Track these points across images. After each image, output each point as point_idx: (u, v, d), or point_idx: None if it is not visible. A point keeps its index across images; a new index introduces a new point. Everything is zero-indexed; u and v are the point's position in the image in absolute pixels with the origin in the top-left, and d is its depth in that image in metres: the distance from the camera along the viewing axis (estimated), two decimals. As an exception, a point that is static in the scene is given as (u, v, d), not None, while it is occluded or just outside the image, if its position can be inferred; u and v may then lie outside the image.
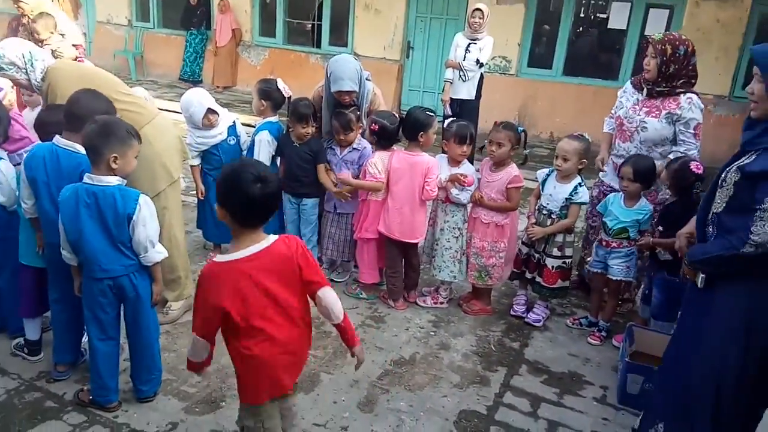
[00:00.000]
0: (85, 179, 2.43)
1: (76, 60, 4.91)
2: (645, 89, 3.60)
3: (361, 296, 3.97)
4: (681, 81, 3.50)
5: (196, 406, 2.83)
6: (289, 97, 3.97)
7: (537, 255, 3.69)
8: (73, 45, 5.10)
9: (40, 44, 4.64)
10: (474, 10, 6.38)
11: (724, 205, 2.18)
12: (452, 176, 3.68)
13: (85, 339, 2.99)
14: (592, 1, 10.16)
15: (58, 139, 2.70)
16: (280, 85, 3.98)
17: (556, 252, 3.61)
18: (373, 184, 3.71)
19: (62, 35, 4.91)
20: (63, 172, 2.66)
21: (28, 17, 5.01)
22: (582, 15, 10.07)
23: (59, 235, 2.58)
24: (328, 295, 2.07)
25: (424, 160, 3.65)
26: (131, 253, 2.52)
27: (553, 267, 3.63)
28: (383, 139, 3.72)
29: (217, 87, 11.12)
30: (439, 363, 3.34)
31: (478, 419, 2.90)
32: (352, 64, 3.74)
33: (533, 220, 3.69)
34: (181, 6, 11.73)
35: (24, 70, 3.01)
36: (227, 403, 2.86)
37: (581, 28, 9.86)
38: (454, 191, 3.70)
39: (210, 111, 3.86)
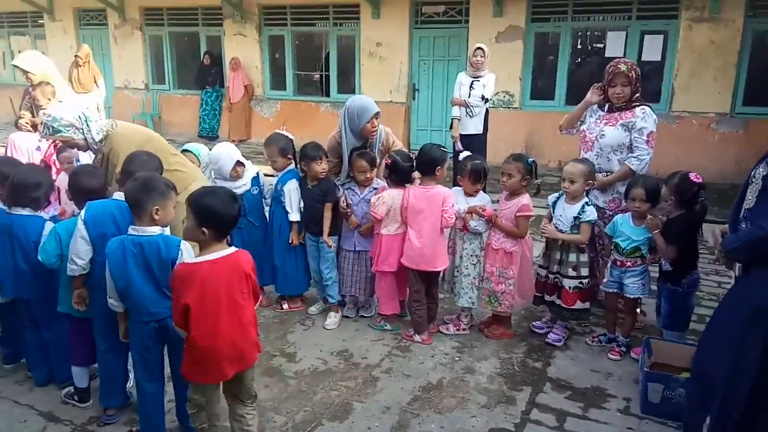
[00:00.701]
0: (131, 231, 2.66)
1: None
2: (607, 106, 4.04)
3: (385, 328, 4.13)
4: (636, 95, 3.96)
5: (238, 439, 2.99)
6: (291, 139, 4.28)
7: (553, 276, 3.85)
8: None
9: (39, 110, 5.02)
10: (475, 49, 6.70)
11: (754, 200, 2.34)
12: (471, 208, 3.89)
13: (130, 384, 3.21)
14: (588, 33, 10.50)
15: (121, 195, 2.92)
16: (283, 132, 4.31)
17: (571, 272, 3.77)
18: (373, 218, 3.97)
19: (60, 102, 5.23)
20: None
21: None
22: (579, 46, 10.41)
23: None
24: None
25: (440, 192, 3.87)
26: (174, 296, 2.74)
27: (570, 288, 3.77)
28: (396, 175, 3.94)
29: (233, 141, 11.54)
30: (465, 386, 3.47)
31: (506, 436, 3.03)
32: (369, 98, 4.15)
33: (546, 222, 3.91)
34: (193, 68, 12.32)
35: (81, 131, 3.29)
36: (267, 435, 3.02)
37: (579, 59, 10.18)
38: (473, 223, 3.90)
39: (238, 163, 4.14)
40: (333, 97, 11.36)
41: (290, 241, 4.20)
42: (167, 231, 2.77)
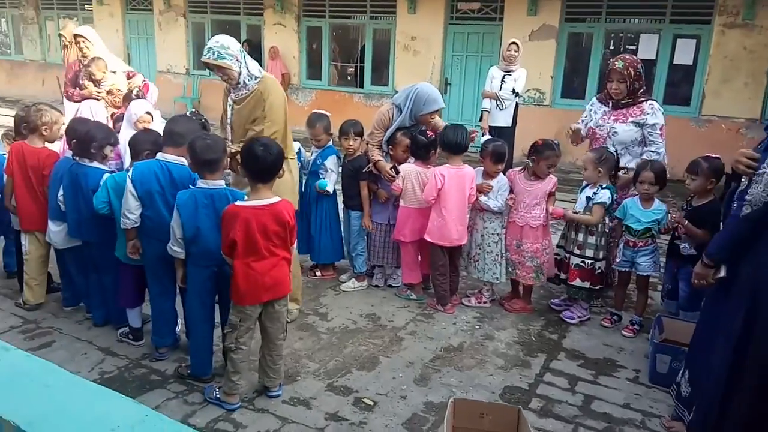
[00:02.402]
0: (201, 184, 2.99)
1: (143, 82, 5.63)
2: (611, 103, 4.19)
3: (411, 298, 4.41)
4: (641, 91, 4.14)
5: (275, 379, 3.30)
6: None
7: (564, 254, 4.11)
8: (125, 72, 5.77)
9: (97, 84, 5.38)
10: (509, 44, 6.93)
11: (746, 181, 2.50)
12: (478, 185, 4.16)
13: (178, 328, 3.54)
14: (621, 34, 10.63)
15: (164, 156, 3.28)
16: (322, 111, 4.62)
17: (576, 251, 4.01)
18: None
19: (113, 72, 5.62)
20: (176, 182, 3.21)
21: (81, 62, 5.72)
22: (612, 47, 10.53)
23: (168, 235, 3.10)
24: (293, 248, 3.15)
25: (470, 171, 4.15)
26: (234, 245, 3.06)
27: (573, 265, 4.02)
28: (418, 151, 4.23)
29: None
30: (484, 350, 3.73)
31: (521, 393, 3.28)
32: (438, 92, 4.38)
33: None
34: (234, 54, 12.71)
35: (239, 63, 3.52)
36: (301, 377, 3.32)
37: (611, 60, 10.30)
38: (482, 198, 4.15)
39: None
40: (366, 88, 11.66)
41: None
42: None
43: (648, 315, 4.14)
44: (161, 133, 3.48)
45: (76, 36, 5.78)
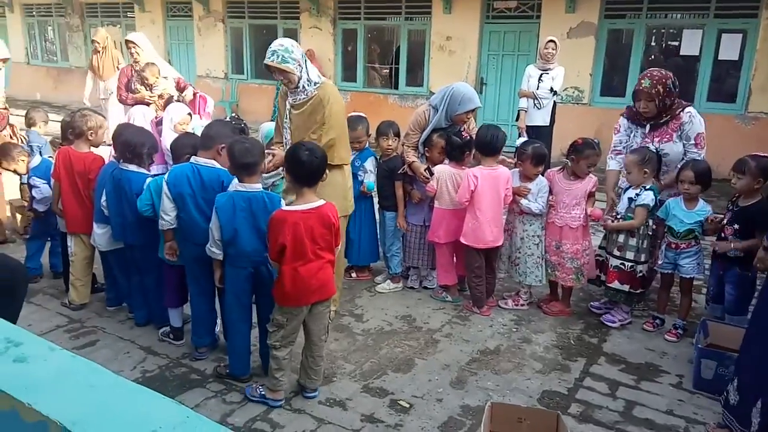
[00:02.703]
0: (238, 187, 3.04)
1: (194, 92, 5.78)
2: (648, 125, 3.97)
3: (447, 300, 4.38)
4: (675, 104, 3.92)
5: (312, 380, 3.32)
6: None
7: (606, 255, 4.02)
8: (176, 79, 5.96)
9: (149, 88, 5.56)
10: (547, 42, 6.83)
11: None
12: (515, 189, 4.10)
13: (218, 328, 3.60)
14: (663, 30, 10.35)
15: (196, 159, 3.34)
16: (359, 114, 4.65)
17: (616, 252, 3.92)
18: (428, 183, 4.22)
19: (165, 78, 5.80)
20: (206, 185, 3.28)
21: (134, 67, 5.94)
22: (653, 44, 10.27)
23: (204, 237, 3.16)
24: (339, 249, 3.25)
25: (505, 172, 4.10)
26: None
27: (612, 266, 3.93)
28: (453, 152, 4.21)
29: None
30: (521, 353, 3.68)
31: (559, 398, 3.23)
32: (474, 91, 4.34)
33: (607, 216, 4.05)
34: (270, 58, 12.88)
35: (301, 68, 3.57)
36: (337, 378, 3.33)
37: (653, 57, 10.04)
38: (523, 202, 4.09)
39: None
40: (401, 89, 11.65)
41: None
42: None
43: (692, 319, 4.02)
44: None
45: (127, 42, 6.03)
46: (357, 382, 3.31)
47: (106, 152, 4.42)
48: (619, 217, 3.93)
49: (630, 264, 3.89)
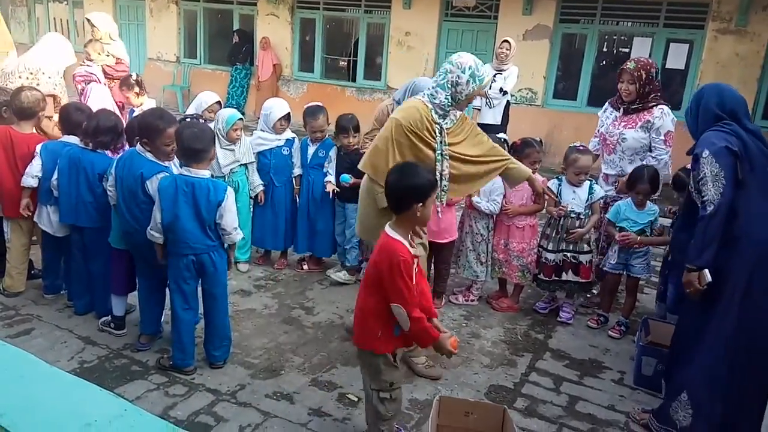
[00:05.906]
0: (183, 171, 2.94)
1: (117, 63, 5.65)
2: (622, 108, 4.11)
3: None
4: (652, 96, 4.02)
5: (259, 373, 3.26)
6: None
7: (571, 255, 4.03)
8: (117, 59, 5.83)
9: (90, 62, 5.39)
10: (502, 42, 6.90)
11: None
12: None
13: (163, 318, 3.49)
14: (615, 37, 10.66)
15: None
16: (318, 104, 4.62)
17: (586, 248, 4.02)
18: None
19: (108, 55, 5.66)
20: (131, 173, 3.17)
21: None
22: (605, 49, 10.56)
23: (128, 225, 3.14)
24: None
25: None
26: (214, 235, 3.01)
27: (586, 262, 4.02)
28: None
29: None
30: (470, 348, 3.72)
31: (506, 392, 3.27)
32: None
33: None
34: (225, 44, 12.60)
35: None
36: (285, 372, 3.28)
37: (604, 62, 10.33)
38: (475, 199, 4.12)
39: (286, 117, 4.46)
40: (359, 82, 11.59)
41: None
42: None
43: (635, 317, 4.15)
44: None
45: (87, 20, 5.93)
46: (305, 375, 3.27)
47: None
48: (581, 217, 4.01)
49: (574, 255, 4.00)
